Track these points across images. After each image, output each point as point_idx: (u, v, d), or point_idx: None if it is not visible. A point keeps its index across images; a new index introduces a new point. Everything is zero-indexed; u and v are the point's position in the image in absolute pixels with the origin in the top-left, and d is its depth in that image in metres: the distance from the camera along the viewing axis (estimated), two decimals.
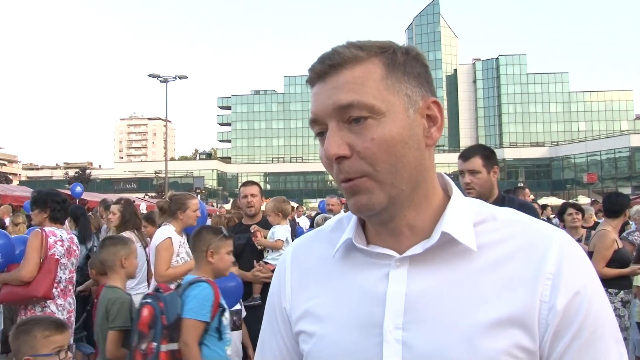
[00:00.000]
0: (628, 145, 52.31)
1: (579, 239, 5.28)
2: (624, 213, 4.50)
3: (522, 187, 6.79)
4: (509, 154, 64.98)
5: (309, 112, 0.80)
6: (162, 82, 28.07)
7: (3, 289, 3.46)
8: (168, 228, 3.72)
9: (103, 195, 11.92)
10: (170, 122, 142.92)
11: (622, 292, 4.16)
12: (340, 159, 0.75)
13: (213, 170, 67.01)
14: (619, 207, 4.41)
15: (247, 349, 3.76)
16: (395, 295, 0.77)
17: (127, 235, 4.44)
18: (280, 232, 4.01)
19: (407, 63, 0.78)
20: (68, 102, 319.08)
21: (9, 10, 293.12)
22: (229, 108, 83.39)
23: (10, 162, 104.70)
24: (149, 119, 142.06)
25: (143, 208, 11.44)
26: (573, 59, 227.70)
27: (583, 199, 24.82)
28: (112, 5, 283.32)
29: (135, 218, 4.89)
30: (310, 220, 7.75)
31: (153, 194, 40.77)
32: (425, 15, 78.73)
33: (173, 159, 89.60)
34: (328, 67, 0.76)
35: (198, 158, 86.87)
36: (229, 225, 4.86)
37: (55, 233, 3.61)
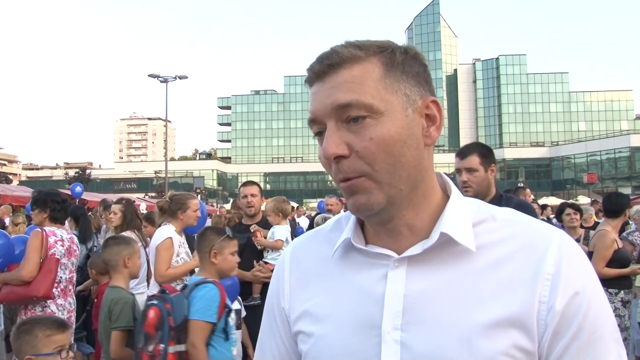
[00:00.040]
0: (628, 145, 52.29)
1: (577, 239, 5.29)
2: (624, 213, 4.51)
3: (522, 187, 6.78)
4: (509, 154, 64.97)
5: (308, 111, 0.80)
6: (162, 82, 28.07)
7: (3, 289, 3.45)
8: (168, 228, 3.71)
9: (103, 196, 11.92)
10: (170, 122, 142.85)
11: (622, 292, 4.16)
12: (339, 159, 0.75)
13: (213, 170, 67.01)
14: (619, 207, 4.41)
15: (247, 349, 3.76)
16: (394, 296, 0.76)
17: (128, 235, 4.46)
18: (280, 232, 4.01)
19: (405, 62, 0.77)
20: (68, 102, 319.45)
21: (9, 10, 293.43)
22: (229, 108, 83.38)
23: (10, 162, 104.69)
24: (149, 119, 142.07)
25: (143, 208, 11.44)
26: (573, 59, 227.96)
27: (583, 199, 24.81)
28: (112, 5, 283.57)
29: (136, 218, 4.90)
30: (310, 220, 7.74)
31: (153, 194, 40.76)
32: (425, 15, 78.72)
33: (173, 159, 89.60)
34: (326, 66, 0.76)
35: (198, 158, 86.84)
36: (230, 225, 4.87)
37: (56, 233, 3.61)
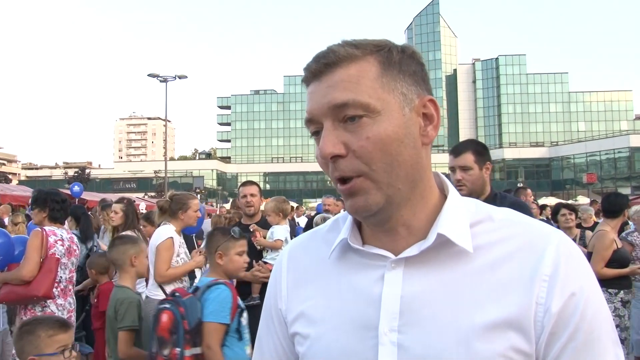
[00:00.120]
0: (627, 146, 52.28)
1: (573, 239, 5.28)
2: (623, 213, 4.51)
3: (523, 187, 6.76)
4: (509, 154, 64.96)
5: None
6: (161, 81, 28.05)
7: (3, 289, 3.44)
8: (168, 227, 3.70)
9: (102, 195, 11.89)
10: (170, 121, 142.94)
11: (621, 292, 4.16)
12: (336, 158, 0.75)
13: (213, 170, 66.97)
14: (618, 207, 4.42)
15: None
16: (391, 297, 0.76)
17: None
18: (280, 232, 4.01)
19: (402, 61, 0.77)
20: (67, 101, 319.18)
21: (9, 10, 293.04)
22: (229, 108, 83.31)
23: (10, 161, 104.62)
24: (149, 119, 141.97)
25: (142, 208, 11.43)
26: (573, 59, 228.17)
27: (582, 199, 24.82)
28: (111, 5, 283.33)
29: (136, 218, 4.89)
30: (308, 220, 7.73)
31: (152, 194, 40.72)
32: (425, 15, 78.67)
33: (173, 159, 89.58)
34: (323, 65, 0.75)
35: (198, 158, 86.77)
36: (230, 225, 4.87)
37: (56, 232, 3.60)
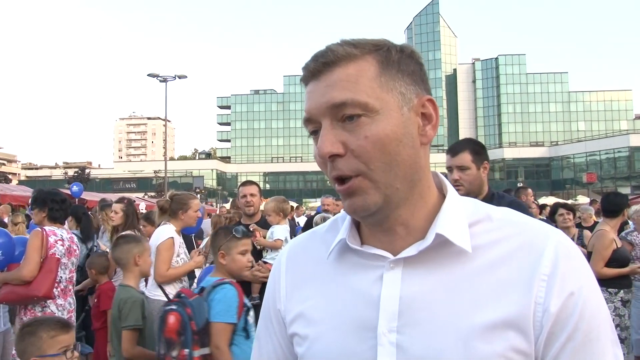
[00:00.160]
0: (627, 145, 52.24)
1: (571, 239, 5.28)
2: (622, 213, 4.51)
3: (524, 187, 6.74)
4: (509, 154, 64.94)
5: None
6: (161, 81, 28.03)
7: (3, 289, 3.43)
8: (169, 227, 3.69)
9: (102, 195, 11.88)
10: (170, 121, 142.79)
11: (621, 291, 4.16)
12: (334, 157, 0.74)
13: (212, 170, 66.94)
14: (617, 207, 4.42)
15: None
16: (389, 298, 0.76)
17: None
18: (279, 231, 4.01)
19: (401, 61, 0.77)
20: (67, 101, 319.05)
21: (9, 10, 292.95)
22: (229, 108, 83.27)
23: (10, 161, 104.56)
24: (149, 119, 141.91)
25: (142, 208, 11.43)
26: (572, 59, 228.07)
27: (582, 199, 24.81)
28: (111, 5, 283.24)
29: (136, 218, 4.88)
30: (308, 220, 7.72)
31: (152, 194, 40.70)
32: (425, 15, 78.62)
33: (172, 159, 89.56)
34: (322, 65, 0.75)
35: (197, 158, 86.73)
36: (229, 225, 4.86)
37: (56, 232, 3.60)
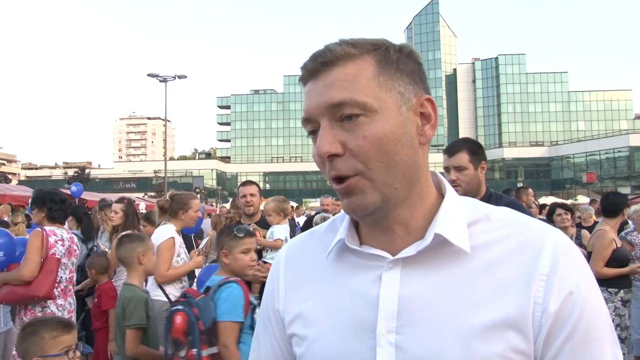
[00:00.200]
0: (627, 145, 52.23)
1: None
2: (622, 212, 4.50)
3: (525, 187, 6.73)
4: (508, 154, 64.94)
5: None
6: (161, 81, 27.99)
7: (3, 289, 3.42)
8: (169, 227, 3.68)
9: (102, 195, 11.87)
10: (170, 121, 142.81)
11: (621, 291, 4.16)
12: (333, 157, 0.74)
13: (212, 170, 66.94)
14: (617, 206, 4.42)
15: None
16: (388, 298, 0.75)
17: None
18: (279, 231, 4.02)
19: (400, 60, 0.76)
20: (67, 101, 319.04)
21: (9, 10, 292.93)
22: (229, 107, 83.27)
23: (10, 161, 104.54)
24: (148, 119, 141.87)
25: (142, 208, 11.43)
26: (572, 59, 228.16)
27: (582, 199, 24.81)
28: (111, 5, 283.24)
29: (136, 218, 4.88)
30: (307, 219, 7.72)
31: (152, 194, 40.70)
32: (425, 15, 78.62)
33: (172, 159, 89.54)
34: (320, 64, 0.75)
35: (197, 158, 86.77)
36: (230, 225, 4.86)
37: (56, 232, 3.59)
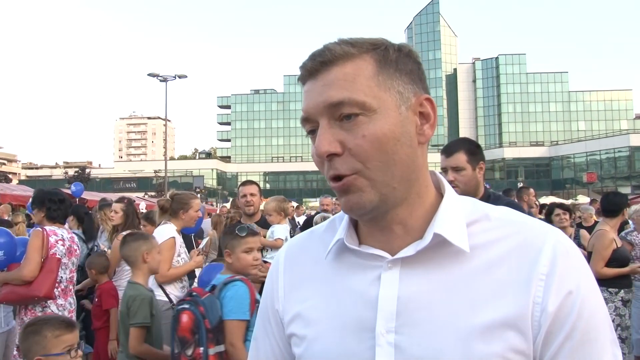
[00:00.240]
0: (627, 145, 52.23)
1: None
2: (622, 212, 4.49)
3: (526, 187, 6.70)
4: (509, 154, 64.93)
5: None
6: (161, 81, 27.99)
7: (4, 289, 3.41)
8: (170, 227, 3.67)
9: (103, 195, 11.86)
10: (170, 121, 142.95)
11: (622, 291, 4.16)
12: (332, 157, 0.74)
13: (213, 170, 66.98)
14: (617, 206, 4.41)
15: None
16: (387, 298, 0.75)
17: None
18: (280, 231, 4.03)
19: (399, 60, 0.76)
20: (67, 101, 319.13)
21: (9, 10, 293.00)
22: (229, 107, 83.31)
23: (10, 161, 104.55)
24: (149, 118, 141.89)
25: (143, 207, 11.43)
26: (573, 59, 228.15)
27: (582, 199, 24.80)
28: (111, 5, 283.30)
29: (136, 218, 4.87)
30: (307, 219, 7.73)
31: (153, 193, 40.71)
32: (425, 15, 78.63)
33: (173, 158, 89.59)
34: (319, 63, 0.75)
35: (198, 157, 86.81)
36: (231, 224, 4.86)
37: (57, 232, 3.57)
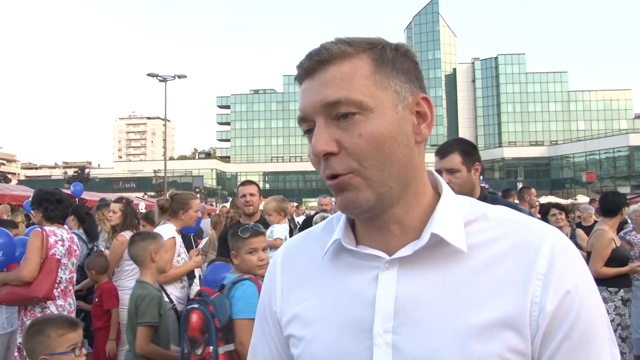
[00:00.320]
0: (627, 145, 52.26)
1: None
2: (621, 212, 4.49)
3: (527, 187, 6.69)
4: (508, 153, 64.97)
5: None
6: (161, 81, 27.97)
7: (3, 289, 3.40)
8: (170, 227, 3.66)
9: (102, 195, 11.85)
10: (170, 121, 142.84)
11: (622, 290, 4.16)
12: (328, 156, 0.74)
13: (212, 170, 66.99)
14: (616, 206, 4.42)
15: None
16: (385, 298, 0.75)
17: (127, 236, 4.44)
18: (279, 230, 4.04)
19: (396, 59, 0.76)
20: (67, 101, 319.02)
21: (9, 10, 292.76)
22: (228, 107, 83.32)
23: (9, 161, 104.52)
24: (148, 118, 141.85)
25: (142, 207, 11.42)
26: (572, 58, 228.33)
27: (582, 198, 24.83)
28: (111, 5, 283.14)
29: (134, 218, 4.87)
30: (306, 219, 7.73)
31: (152, 194, 40.73)
32: (425, 15, 78.64)
33: (172, 158, 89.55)
34: (316, 63, 0.75)
35: (197, 157, 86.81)
36: (232, 224, 4.87)
37: (56, 233, 3.56)
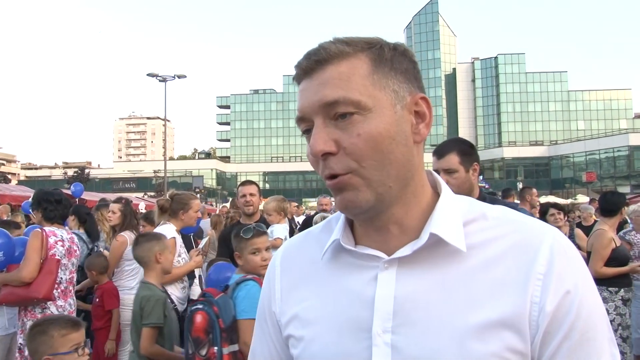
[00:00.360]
0: (627, 144, 52.28)
1: None
2: (620, 212, 4.49)
3: (529, 187, 6.68)
4: (508, 153, 64.97)
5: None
6: (160, 81, 28.00)
7: (3, 290, 3.40)
8: (170, 227, 3.66)
9: (102, 195, 11.84)
10: (169, 121, 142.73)
11: (622, 290, 4.17)
12: (327, 156, 0.74)
13: (212, 170, 67.00)
14: (615, 206, 4.42)
15: None
16: (384, 298, 0.75)
17: (127, 236, 4.44)
18: (279, 230, 4.03)
19: (394, 59, 0.76)
20: (67, 101, 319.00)
21: (9, 9, 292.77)
22: (228, 107, 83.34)
23: (9, 161, 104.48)
24: (148, 119, 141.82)
25: (142, 207, 11.43)
26: (572, 58, 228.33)
27: (582, 198, 24.83)
28: (111, 5, 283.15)
29: (134, 218, 4.86)
30: (305, 219, 7.73)
31: (152, 194, 40.74)
32: (424, 15, 78.64)
33: (172, 159, 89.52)
34: (314, 62, 0.75)
35: (197, 157, 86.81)
36: (232, 224, 4.87)
37: (56, 233, 3.56)
